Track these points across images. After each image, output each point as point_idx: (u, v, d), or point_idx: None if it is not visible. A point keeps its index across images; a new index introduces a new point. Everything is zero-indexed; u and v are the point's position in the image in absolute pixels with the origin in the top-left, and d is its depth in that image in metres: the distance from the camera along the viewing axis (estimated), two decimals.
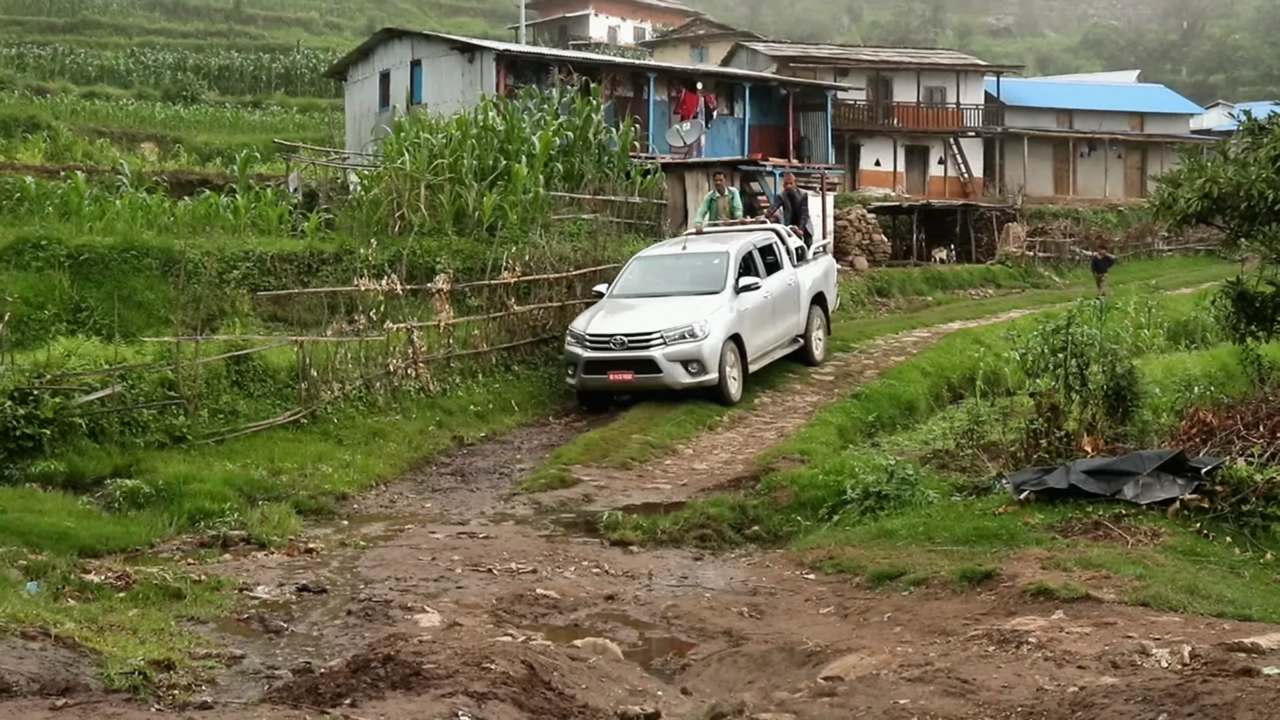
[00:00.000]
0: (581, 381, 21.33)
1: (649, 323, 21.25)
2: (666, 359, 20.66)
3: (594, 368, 21.03)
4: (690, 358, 20.71)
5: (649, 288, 22.60)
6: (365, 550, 12.39)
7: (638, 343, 20.90)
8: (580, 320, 21.99)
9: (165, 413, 16.86)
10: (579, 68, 44.04)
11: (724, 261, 22.39)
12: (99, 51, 77.48)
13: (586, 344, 21.04)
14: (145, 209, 30.56)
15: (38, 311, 23.36)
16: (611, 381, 21.12)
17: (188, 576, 10.62)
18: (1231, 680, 4.83)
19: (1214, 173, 16.39)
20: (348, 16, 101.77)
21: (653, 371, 20.70)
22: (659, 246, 25.82)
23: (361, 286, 21.36)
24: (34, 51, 74.52)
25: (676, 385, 20.76)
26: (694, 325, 20.75)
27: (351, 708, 5.23)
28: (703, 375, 20.72)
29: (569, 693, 6.07)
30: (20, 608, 8.13)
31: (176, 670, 7.23)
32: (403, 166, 30.32)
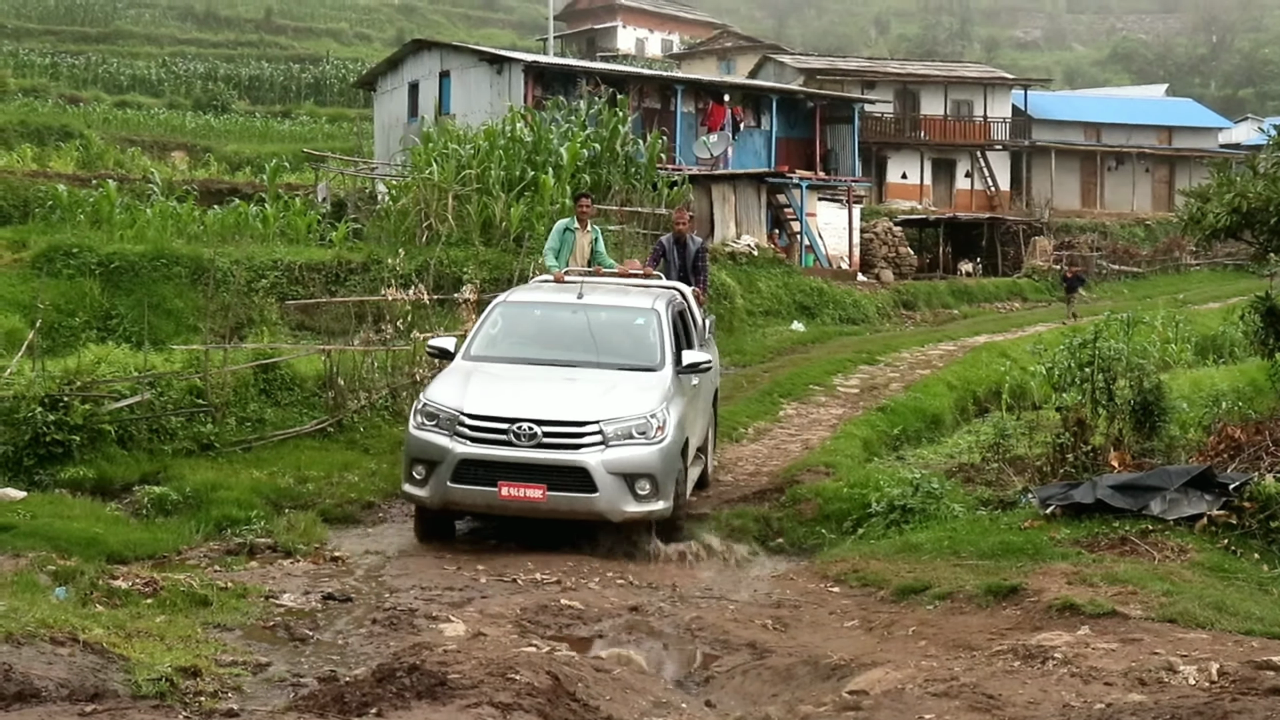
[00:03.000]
0: (445, 494, 12.74)
1: (574, 405, 13.26)
2: (605, 469, 12.61)
3: (472, 473, 12.68)
4: (641, 470, 12.76)
5: (536, 351, 14.58)
6: (392, 559, 12.41)
7: (559, 436, 12.81)
8: (439, 389, 13.69)
9: (193, 420, 16.87)
10: (606, 79, 44.15)
11: (651, 322, 14.73)
12: (131, 61, 77.95)
13: (461, 429, 12.81)
14: (175, 217, 30.74)
15: (69, 318, 23.53)
16: (505, 498, 12.60)
17: (214, 584, 10.63)
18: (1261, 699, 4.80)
19: (1243, 187, 16.33)
20: (377, 28, 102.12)
21: (579, 488, 12.61)
22: (534, 291, 16.20)
23: (389, 296, 21.36)
24: (68, 61, 75.14)
25: (615, 515, 12.78)
26: (651, 416, 13.06)
27: (377, 717, 5.23)
28: (655, 501, 12.82)
29: (593, 704, 6.06)
30: (49, 613, 8.14)
31: (203, 677, 7.23)
32: (430, 177, 30.44)
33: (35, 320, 19.36)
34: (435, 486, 12.86)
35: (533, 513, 13.07)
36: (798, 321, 35.15)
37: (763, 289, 35.95)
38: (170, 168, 46.03)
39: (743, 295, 33.52)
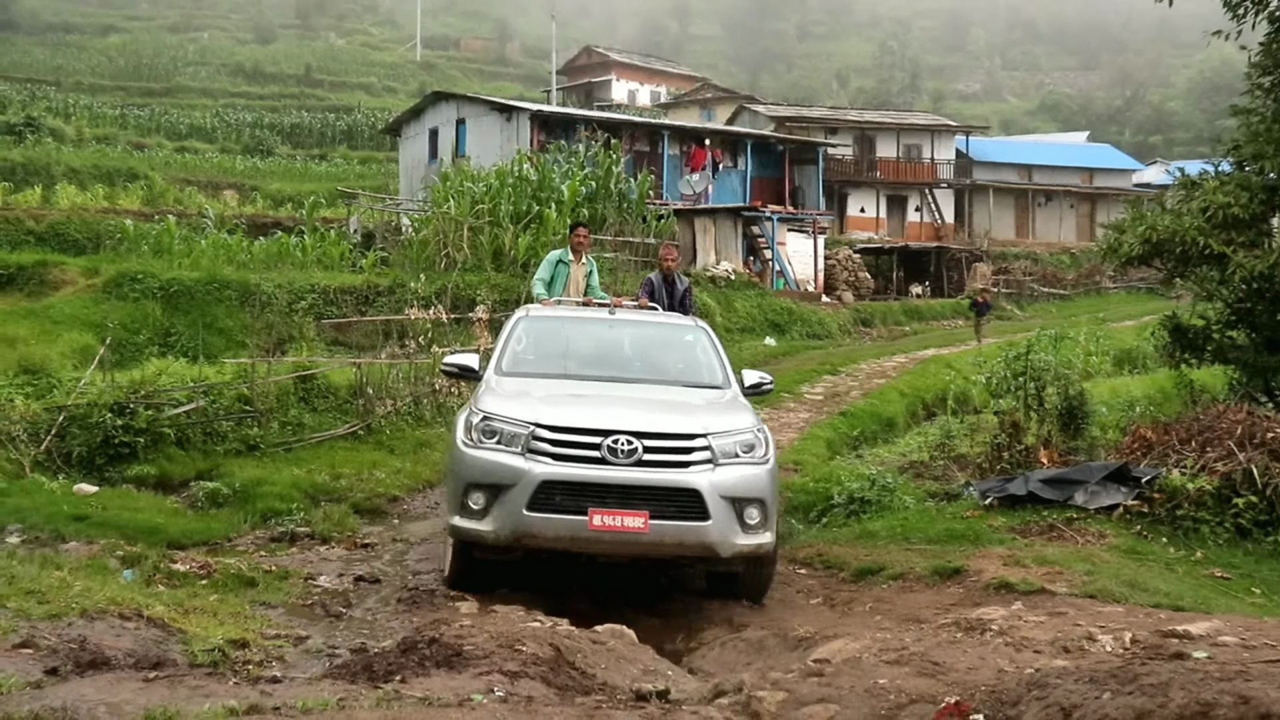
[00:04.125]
0: (519, 526, 9.15)
1: (673, 417, 9.75)
2: (717, 492, 9.19)
3: (555, 498, 9.11)
4: (752, 494, 9.40)
5: (579, 367, 11.06)
6: (414, 545, 12.40)
7: (664, 452, 9.30)
8: (495, 402, 9.83)
9: (241, 424, 16.90)
10: (602, 126, 44.24)
11: (701, 339, 11.74)
12: (189, 112, 78.09)
13: (539, 446, 9.25)
14: (226, 247, 30.81)
15: (134, 336, 23.52)
16: (597, 529, 9.01)
17: (260, 567, 10.64)
18: (1166, 663, 4.81)
19: (1153, 221, 16.37)
20: (402, 81, 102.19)
21: (689, 516, 9.11)
22: (552, 309, 12.57)
23: (412, 315, 21.40)
24: (134, 112, 75.29)
25: (725, 549, 9.22)
26: (758, 431, 9.84)
27: (401, 683, 5.22)
28: (763, 533, 9.43)
29: (590, 671, 6.06)
30: (118, 592, 8.15)
31: (251, 648, 7.23)
32: (448, 211, 30.52)
33: (105, 338, 19.40)
34: (504, 517, 9.00)
35: (627, 549, 9.24)
36: (770, 337, 35.27)
37: (739, 309, 36.08)
38: (222, 204, 46.05)
39: (721, 314, 33.62)
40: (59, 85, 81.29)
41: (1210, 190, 16.16)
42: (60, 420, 15.50)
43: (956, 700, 4.61)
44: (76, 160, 53.39)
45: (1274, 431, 12.22)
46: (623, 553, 9.43)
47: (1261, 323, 16.47)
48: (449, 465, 10.09)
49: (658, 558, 9.73)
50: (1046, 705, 4.23)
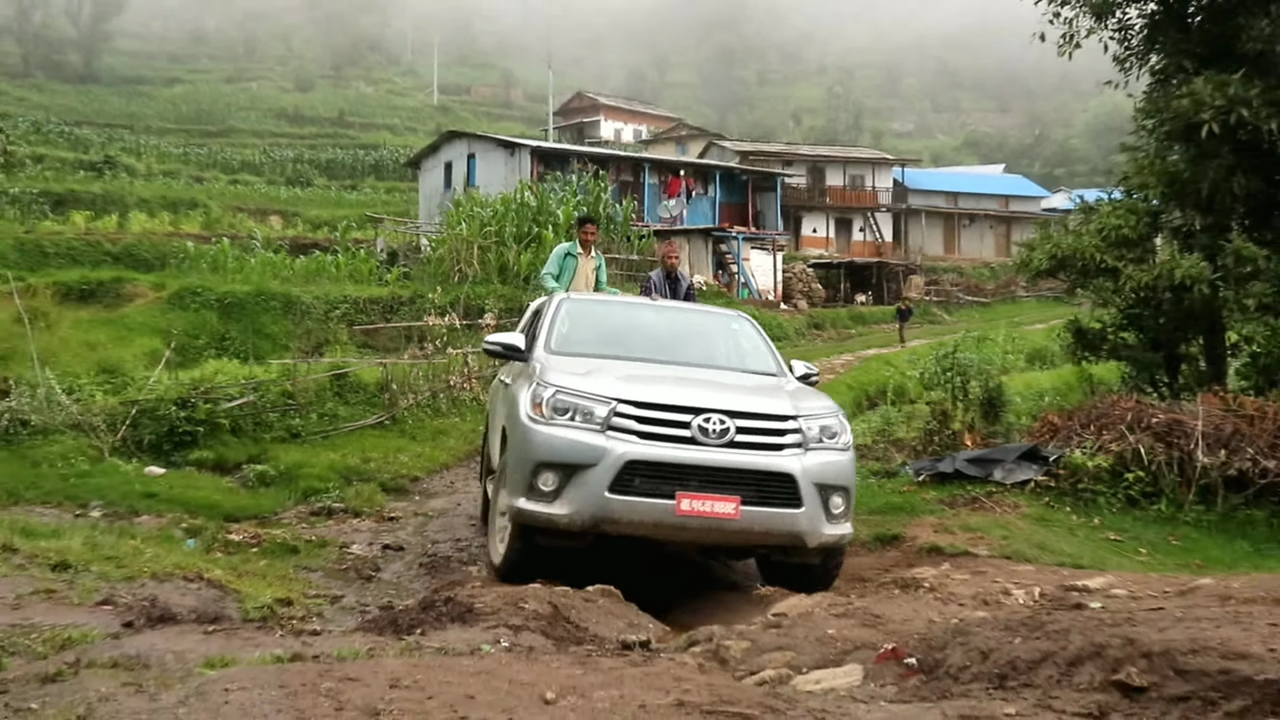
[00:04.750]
0: (600, 509, 7.38)
1: (759, 398, 8.08)
2: (809, 478, 7.67)
3: (641, 480, 7.39)
4: (839, 481, 7.90)
5: (630, 350, 9.03)
6: (433, 519, 12.36)
7: (757, 433, 7.70)
8: (567, 376, 7.91)
9: (285, 416, 16.84)
10: (592, 159, 44.27)
11: (746, 328, 9.99)
12: (240, 150, 78.17)
13: (622, 423, 7.52)
14: (272, 265, 30.84)
15: (194, 341, 23.50)
16: (684, 514, 7.34)
17: (302, 537, 10.62)
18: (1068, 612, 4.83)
19: (1058, 241, 16.42)
20: (421, 122, 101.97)
21: (781, 502, 7.56)
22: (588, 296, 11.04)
23: (430, 322, 21.39)
24: (195, 151, 75.49)
25: (813, 538, 7.69)
26: (840, 416, 8.22)
27: (422, 635, 5.23)
28: (845, 523, 7.99)
29: (583, 625, 6.07)
30: (182, 558, 8.16)
31: (294, 606, 7.23)
32: (461, 232, 30.50)
33: (170, 342, 19.36)
34: (581, 500, 7.30)
35: (714, 536, 7.57)
36: None
37: None
38: (268, 228, 45.97)
39: None
40: (132, 129, 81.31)
41: (1105, 214, 16.25)
42: (133, 412, 15.43)
43: (893, 646, 4.62)
44: (146, 192, 53.30)
45: (1157, 417, 12.29)
46: (708, 541, 7.74)
47: (1147, 325, 16.56)
48: (513, 444, 7.81)
49: (741, 546, 8.02)
50: (968, 649, 4.23)
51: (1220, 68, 15.08)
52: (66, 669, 3.94)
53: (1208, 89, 14.59)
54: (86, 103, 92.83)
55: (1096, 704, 3.40)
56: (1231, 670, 3.23)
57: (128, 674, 3.89)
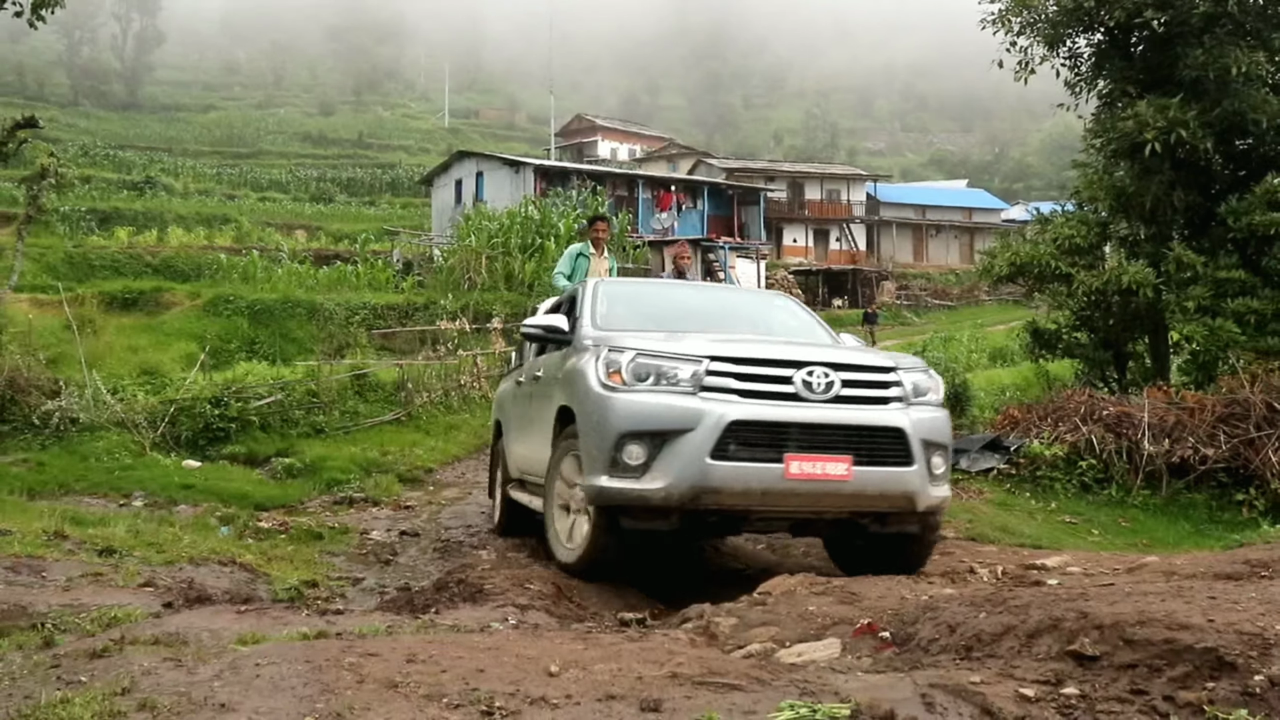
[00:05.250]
0: (701, 479, 5.91)
1: (854, 351, 7.03)
2: (917, 434, 6.28)
3: (746, 443, 5.93)
4: (941, 439, 6.54)
5: (683, 325, 7.30)
6: (445, 507, 12.34)
7: (863, 386, 6.36)
8: (640, 339, 6.47)
9: (310, 413, 16.85)
10: (591, 176, 44.28)
11: (790, 305, 8.69)
12: (269, 169, 78.09)
13: (718, 381, 6.10)
14: (298, 275, 30.83)
15: (227, 345, 23.50)
16: (794, 478, 5.93)
17: (326, 524, 10.60)
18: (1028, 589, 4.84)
19: (1017, 249, 16.49)
20: (434, 143, 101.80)
21: (893, 460, 6.20)
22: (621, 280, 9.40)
23: (442, 326, 21.42)
24: (227, 171, 75.45)
25: (922, 501, 6.32)
26: (930, 372, 6.87)
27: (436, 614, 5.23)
28: (945, 484, 6.61)
29: (584, 604, 6.05)
30: (217, 544, 8.16)
31: (319, 588, 7.21)
32: (470, 244, 30.51)
33: (205, 346, 19.37)
34: (679, 470, 5.91)
35: (827, 502, 6.23)
36: None
37: None
38: (294, 241, 45.94)
39: None
40: (170, 151, 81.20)
41: (1059, 225, 16.34)
42: (171, 411, 15.45)
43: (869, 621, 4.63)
44: (183, 209, 53.32)
45: (1108, 410, 12.33)
46: (818, 508, 6.30)
47: (1098, 326, 16.63)
48: (586, 420, 6.27)
49: (848, 513, 6.47)
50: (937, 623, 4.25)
51: (1161, 92, 15.17)
52: (112, 645, 3.96)
53: (1149, 111, 14.67)
54: (129, 128, 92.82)
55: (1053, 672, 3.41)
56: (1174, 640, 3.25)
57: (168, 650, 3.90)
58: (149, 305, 27.12)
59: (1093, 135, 16.61)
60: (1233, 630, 3.18)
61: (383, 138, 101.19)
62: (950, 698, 3.24)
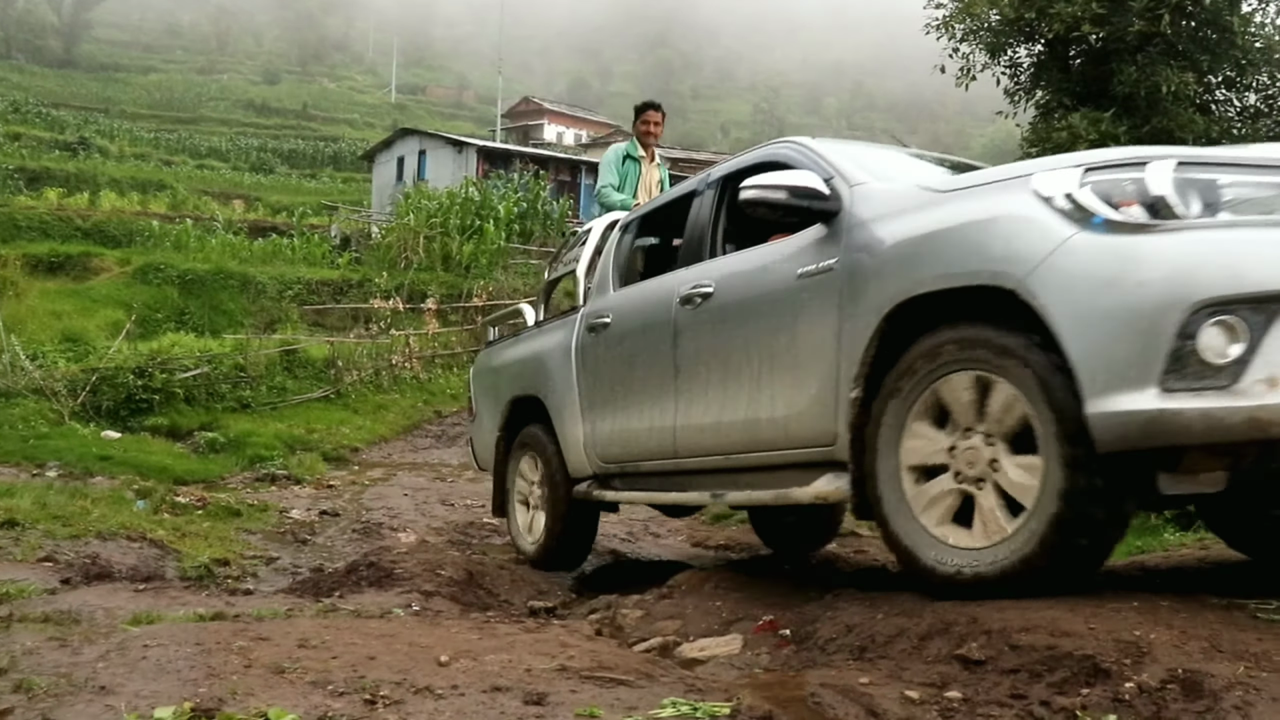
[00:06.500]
0: None
1: None
2: None
3: None
4: None
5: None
6: (369, 487, 12.29)
7: None
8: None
9: (237, 387, 16.70)
10: (534, 160, 44.11)
11: None
12: (209, 137, 76.75)
13: None
14: (232, 246, 30.43)
15: (155, 314, 23.13)
16: None
17: (245, 501, 10.52)
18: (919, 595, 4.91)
19: None
20: (378, 118, 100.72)
21: None
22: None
23: (376, 304, 21.26)
24: (165, 136, 74.00)
25: None
26: None
27: (339, 599, 5.21)
28: None
29: (495, 591, 6.05)
30: (130, 519, 8.05)
31: (231, 566, 7.15)
32: (408, 223, 30.25)
33: (132, 315, 19.05)
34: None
35: None
36: None
37: None
38: (231, 211, 45.24)
39: None
40: (107, 113, 79.40)
41: None
42: (93, 379, 15.21)
43: (771, 618, 4.69)
44: (118, 172, 52.23)
45: None
46: None
47: None
48: (1071, 297, 3.39)
49: None
50: (836, 623, 4.30)
51: (1095, 106, 15.45)
52: None
53: (1083, 124, 14.93)
54: (64, 86, 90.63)
55: (940, 675, 3.47)
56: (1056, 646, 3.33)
57: (56, 628, 3.84)
58: (76, 270, 26.57)
59: (1029, 144, 16.85)
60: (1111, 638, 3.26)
61: (327, 110, 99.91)
62: (838, 698, 3.30)
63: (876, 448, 4.05)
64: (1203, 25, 15.72)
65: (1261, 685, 2.81)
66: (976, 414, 3.72)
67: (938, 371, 3.81)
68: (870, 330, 3.99)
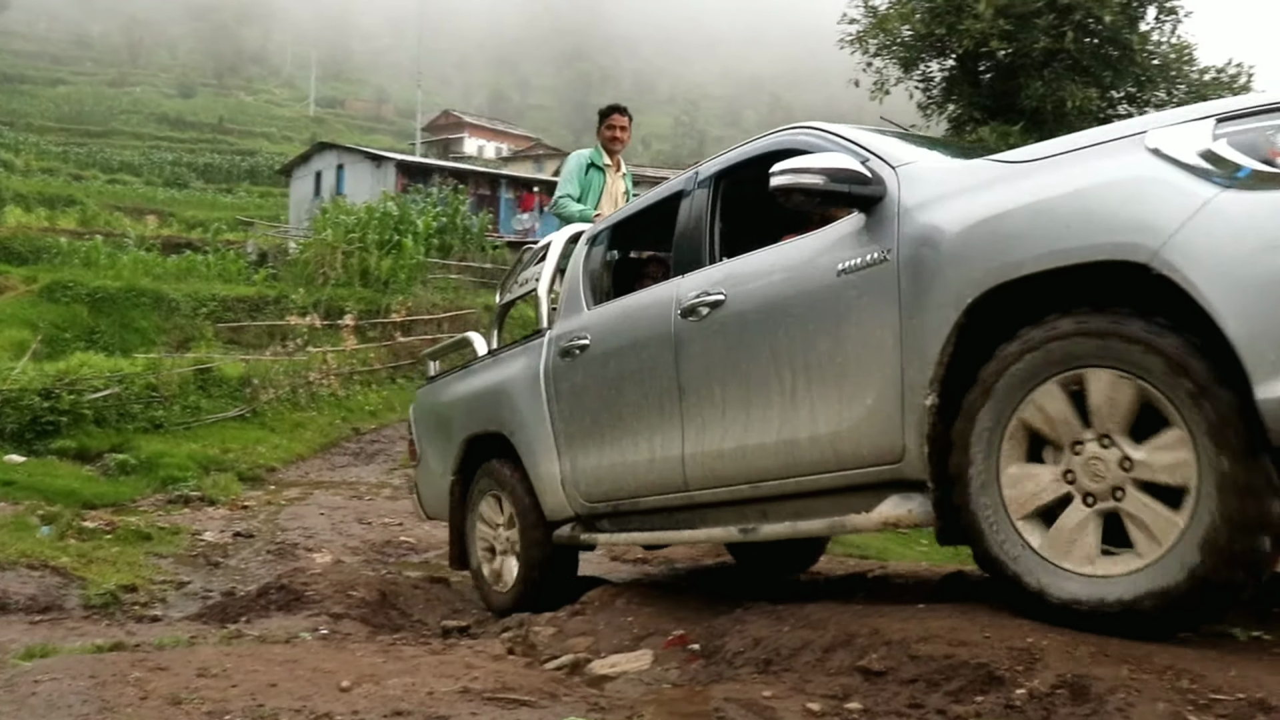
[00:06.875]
0: None
1: None
2: None
3: None
4: None
5: None
6: (284, 507, 12.10)
7: None
8: None
9: (149, 407, 16.35)
10: (453, 174, 43.94)
11: None
12: (121, 150, 75.29)
13: None
14: (144, 263, 29.83)
15: (64, 333, 22.53)
16: None
17: (156, 524, 10.29)
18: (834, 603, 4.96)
19: None
20: (296, 131, 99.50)
21: None
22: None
23: (293, 321, 20.99)
24: (75, 150, 72.38)
25: None
26: None
27: (246, 624, 5.13)
28: None
29: (408, 611, 6.00)
30: (32, 545, 7.84)
31: (139, 592, 6.99)
32: (326, 238, 29.91)
33: (39, 334, 18.57)
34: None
35: None
36: None
37: None
38: (144, 226, 44.33)
39: None
40: (12, 126, 77.36)
41: None
42: None
43: (681, 633, 4.71)
44: (24, 187, 50.91)
45: None
46: None
47: None
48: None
49: None
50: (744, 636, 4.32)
51: (1004, 119, 15.82)
52: None
53: (993, 137, 15.27)
54: None
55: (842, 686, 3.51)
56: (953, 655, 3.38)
57: None
58: None
59: None
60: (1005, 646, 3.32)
61: (244, 124, 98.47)
62: (741, 712, 3.33)
63: (969, 461, 3.47)
64: (1105, 42, 16.18)
65: (1142, 687, 2.88)
66: (1102, 415, 3.18)
67: (1047, 369, 3.27)
68: (947, 326, 3.44)
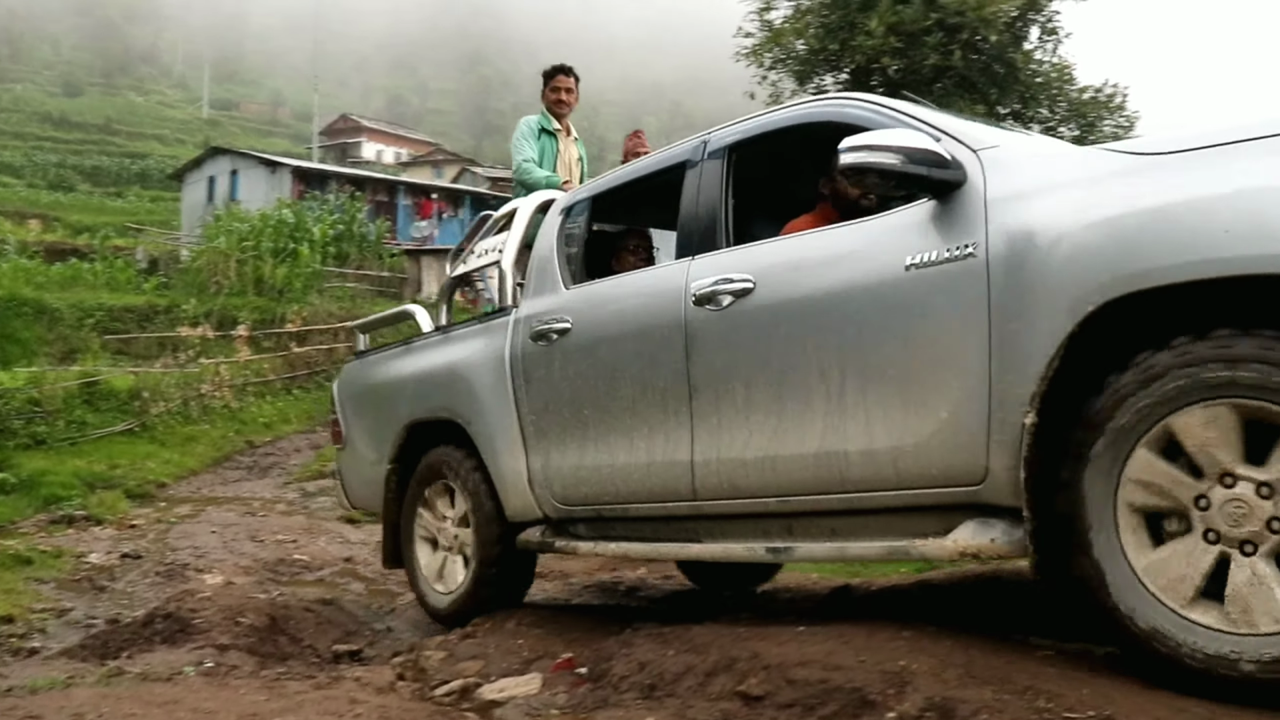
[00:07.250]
0: None
1: None
2: None
3: None
4: None
5: None
6: (175, 525, 11.78)
7: None
8: None
9: (31, 422, 15.83)
10: (351, 180, 43.47)
11: None
12: (0, 151, 72.51)
13: None
14: (26, 270, 28.91)
15: None
16: None
17: (37, 547, 9.94)
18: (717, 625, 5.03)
19: None
20: (189, 134, 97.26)
21: None
22: None
23: (184, 332, 20.57)
24: None
25: None
26: None
27: (128, 659, 5.00)
28: None
29: (299, 636, 5.91)
30: None
31: (16, 623, 6.75)
32: (219, 245, 29.43)
33: None
34: None
35: None
36: None
37: None
38: (26, 231, 42.94)
39: None
40: None
41: None
42: None
43: (569, 656, 4.75)
44: None
45: None
46: None
47: None
48: None
49: None
50: (630, 660, 4.37)
51: None
52: None
53: None
54: None
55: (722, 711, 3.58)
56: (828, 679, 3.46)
57: None
58: None
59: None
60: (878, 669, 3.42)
61: (134, 125, 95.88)
62: None
63: (1081, 494, 3.04)
64: (991, 61, 16.69)
65: (1004, 707, 2.99)
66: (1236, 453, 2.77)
67: (1183, 397, 2.82)
68: (1058, 336, 3.03)
